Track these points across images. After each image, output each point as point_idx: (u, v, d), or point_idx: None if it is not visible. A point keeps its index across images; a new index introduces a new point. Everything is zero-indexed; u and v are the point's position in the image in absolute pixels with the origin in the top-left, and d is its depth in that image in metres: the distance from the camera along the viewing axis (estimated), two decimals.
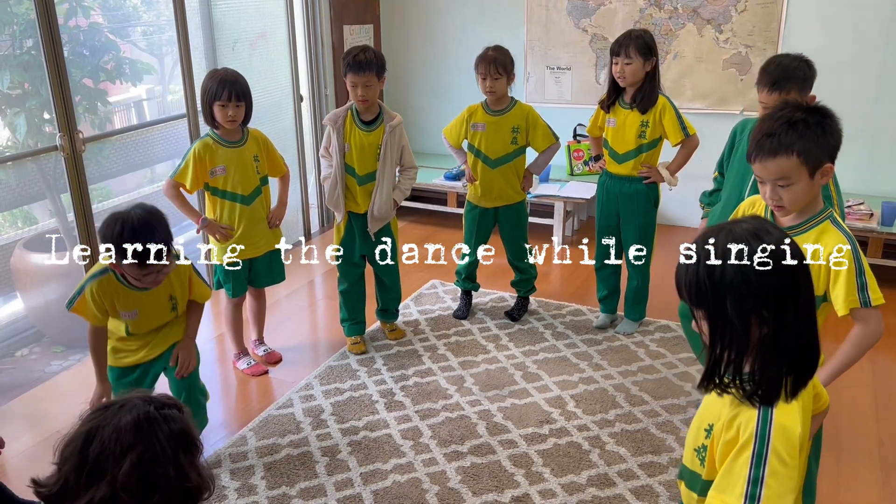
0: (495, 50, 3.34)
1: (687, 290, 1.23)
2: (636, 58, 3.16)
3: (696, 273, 1.21)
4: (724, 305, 1.19)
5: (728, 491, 1.20)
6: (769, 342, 1.20)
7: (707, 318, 1.22)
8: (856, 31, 4.29)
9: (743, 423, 1.22)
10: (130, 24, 4.76)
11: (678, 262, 1.26)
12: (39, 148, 3.53)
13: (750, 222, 1.24)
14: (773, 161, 1.67)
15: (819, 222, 1.76)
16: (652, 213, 3.41)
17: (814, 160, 1.66)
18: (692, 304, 1.24)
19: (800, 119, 1.66)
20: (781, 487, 1.17)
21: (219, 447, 2.78)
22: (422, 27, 5.47)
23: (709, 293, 1.20)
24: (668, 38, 4.74)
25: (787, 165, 1.66)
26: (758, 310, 1.18)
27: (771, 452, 1.17)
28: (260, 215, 3.18)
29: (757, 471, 1.17)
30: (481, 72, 3.33)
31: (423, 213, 5.34)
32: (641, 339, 3.52)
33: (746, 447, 1.19)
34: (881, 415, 2.93)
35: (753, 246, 1.18)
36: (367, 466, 2.64)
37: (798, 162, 1.66)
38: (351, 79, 3.08)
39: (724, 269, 1.18)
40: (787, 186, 1.69)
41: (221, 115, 2.98)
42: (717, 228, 1.24)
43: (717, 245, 1.20)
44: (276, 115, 4.72)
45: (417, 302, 3.97)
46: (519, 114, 3.43)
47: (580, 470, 2.60)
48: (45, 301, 3.83)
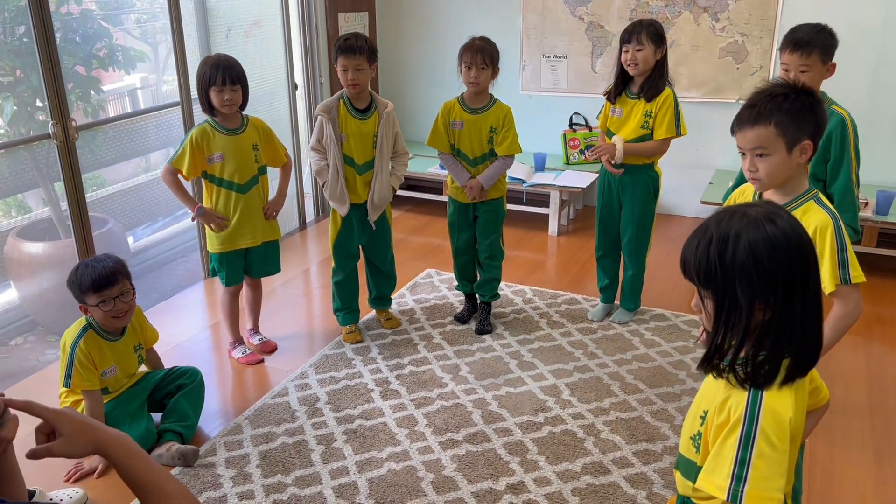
0: (482, 40, 3.22)
1: (696, 270, 1.22)
2: (648, 44, 3.13)
3: (706, 254, 1.20)
4: (734, 287, 1.18)
5: (716, 472, 1.21)
6: (773, 327, 1.20)
7: (714, 299, 1.22)
8: (852, 20, 4.28)
9: (733, 405, 1.22)
10: (124, 12, 4.73)
11: (687, 241, 1.26)
12: (32, 136, 3.51)
13: (762, 206, 1.23)
14: (752, 130, 1.72)
15: (804, 202, 1.79)
16: (651, 204, 3.40)
17: (791, 134, 1.70)
18: (700, 285, 1.24)
19: (781, 93, 1.70)
20: (769, 469, 1.17)
21: (214, 436, 2.78)
22: (417, 15, 5.43)
23: (719, 274, 1.19)
24: (665, 27, 4.70)
25: (764, 134, 1.70)
26: (766, 294, 1.18)
27: (759, 434, 1.18)
28: (256, 205, 3.16)
29: (745, 452, 1.18)
30: (466, 61, 3.20)
31: (418, 202, 5.32)
32: (636, 328, 3.52)
33: (735, 429, 1.20)
34: (874, 403, 2.94)
35: (767, 229, 1.18)
36: (363, 454, 2.64)
37: (775, 132, 1.69)
38: (342, 62, 3.06)
39: (735, 252, 1.18)
40: (764, 157, 1.73)
41: (218, 100, 2.96)
42: (730, 211, 1.24)
43: (730, 227, 1.20)
44: (271, 104, 4.69)
45: (413, 291, 3.97)
46: (498, 113, 3.29)
47: (575, 458, 2.60)
48: (40, 290, 3.81)
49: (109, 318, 2.56)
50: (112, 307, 2.53)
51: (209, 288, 4.09)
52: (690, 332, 3.46)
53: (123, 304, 2.56)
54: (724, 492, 1.19)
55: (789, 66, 2.55)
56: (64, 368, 2.58)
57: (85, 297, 2.52)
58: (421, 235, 4.83)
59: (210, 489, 2.49)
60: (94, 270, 2.50)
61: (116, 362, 2.65)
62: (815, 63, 2.52)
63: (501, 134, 3.29)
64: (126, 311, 2.58)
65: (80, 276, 2.51)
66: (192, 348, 3.46)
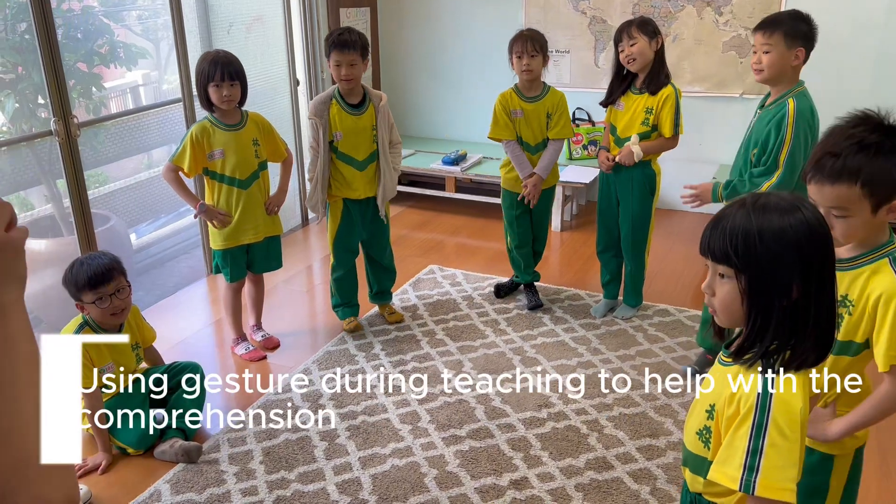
0: (529, 30, 3.34)
1: (734, 252, 1.19)
2: (640, 36, 3.12)
3: (744, 237, 1.18)
4: (774, 268, 1.17)
5: (728, 462, 1.20)
6: (801, 312, 1.19)
7: (749, 282, 1.19)
8: (855, 12, 4.26)
9: (744, 397, 1.21)
10: (125, 8, 4.72)
11: (713, 225, 1.23)
12: (34, 133, 3.51)
13: (789, 195, 1.22)
14: (832, 187, 1.44)
15: (877, 258, 1.52)
16: (648, 201, 3.39)
17: (881, 193, 1.43)
18: (735, 266, 1.20)
19: (874, 142, 1.42)
20: (781, 459, 1.16)
21: (217, 432, 2.78)
22: (419, 10, 5.42)
23: (759, 256, 1.18)
24: (668, 21, 4.70)
25: (847, 195, 1.43)
26: (800, 277, 1.18)
27: (771, 424, 1.17)
28: (258, 200, 3.16)
29: (756, 441, 1.17)
30: (517, 51, 3.29)
31: (420, 198, 5.32)
32: (640, 324, 3.51)
33: (746, 419, 1.19)
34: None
35: (803, 214, 1.18)
36: (366, 451, 2.64)
37: (861, 193, 1.43)
38: (335, 57, 3.05)
39: (776, 234, 1.17)
40: (844, 218, 1.46)
41: (217, 96, 2.95)
42: (760, 195, 1.23)
43: (766, 212, 1.18)
44: (273, 99, 4.69)
45: (416, 287, 3.97)
46: (553, 99, 3.40)
47: (578, 453, 2.60)
48: (42, 287, 3.81)
49: (106, 316, 2.56)
50: (108, 304, 2.53)
51: (212, 284, 4.09)
52: (694, 327, 3.45)
53: (120, 301, 2.56)
54: (736, 482, 1.18)
55: (756, 46, 2.54)
56: None
57: (81, 295, 2.53)
58: (423, 231, 4.83)
59: (214, 485, 2.49)
60: (89, 267, 2.50)
61: (114, 360, 2.66)
62: (778, 43, 2.48)
63: (556, 118, 3.39)
64: (123, 308, 2.59)
65: (76, 274, 2.51)
66: (196, 345, 3.46)
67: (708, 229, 1.25)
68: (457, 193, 5.05)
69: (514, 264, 3.76)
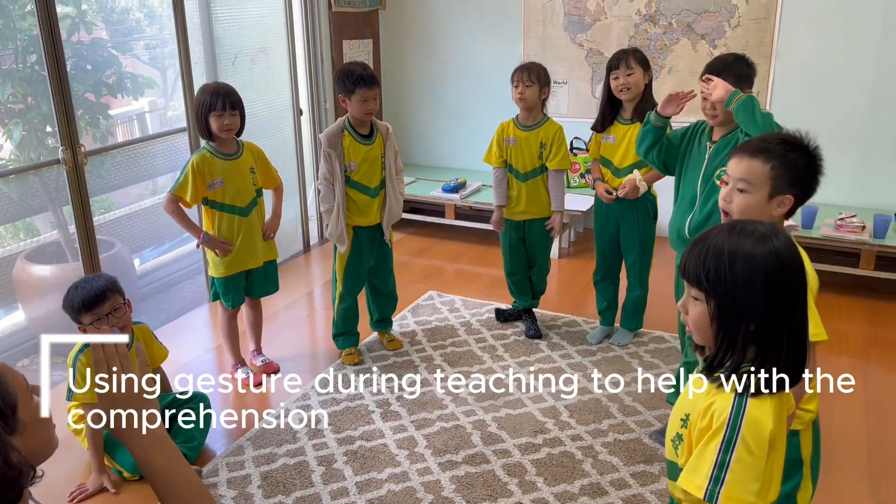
0: (531, 62, 3.46)
1: (705, 276, 1.28)
2: (637, 68, 3.21)
3: (716, 263, 1.27)
4: (741, 294, 1.26)
5: (696, 472, 1.29)
6: (769, 337, 1.27)
7: (717, 306, 1.28)
8: (847, 45, 4.35)
9: (717, 411, 1.29)
10: (133, 38, 4.84)
11: (693, 250, 1.32)
12: (42, 161, 3.58)
13: (764, 223, 1.33)
14: (749, 160, 1.73)
15: None
16: (651, 226, 3.46)
17: (780, 183, 1.70)
18: (706, 291, 1.29)
19: (794, 144, 1.72)
20: (745, 474, 1.24)
21: (216, 456, 2.81)
22: (420, 42, 5.53)
23: (724, 279, 1.26)
24: (663, 53, 4.80)
25: (758, 170, 1.71)
26: (766, 304, 1.26)
27: (740, 440, 1.25)
28: (257, 227, 3.23)
29: (724, 455, 1.25)
30: (514, 80, 3.41)
31: (420, 224, 5.38)
32: (636, 350, 3.55)
33: (718, 433, 1.27)
34: (871, 425, 2.95)
35: (773, 244, 1.27)
36: (363, 475, 2.67)
37: (768, 174, 1.70)
38: (363, 93, 3.14)
39: (745, 264, 1.25)
40: (745, 193, 1.74)
41: (217, 125, 3.04)
42: (737, 224, 1.32)
43: (739, 240, 1.27)
44: (276, 129, 4.78)
45: (415, 313, 4.01)
46: (549, 130, 3.47)
47: (573, 479, 2.62)
48: (47, 312, 3.87)
49: None
50: (106, 324, 2.57)
51: (214, 310, 4.13)
52: None
53: (116, 320, 2.61)
54: (702, 491, 1.27)
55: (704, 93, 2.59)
56: (68, 381, 2.63)
57: (80, 318, 2.59)
58: (423, 258, 4.89)
59: None
60: (83, 291, 2.57)
61: None
62: None
63: (553, 150, 3.47)
64: (122, 325, 2.63)
65: (72, 298, 2.58)
66: (197, 370, 3.50)
67: (687, 251, 1.34)
68: (456, 220, 5.11)
69: (510, 290, 3.82)
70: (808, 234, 4.10)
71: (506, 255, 3.73)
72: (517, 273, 3.73)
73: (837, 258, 4.27)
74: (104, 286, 2.60)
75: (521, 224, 3.62)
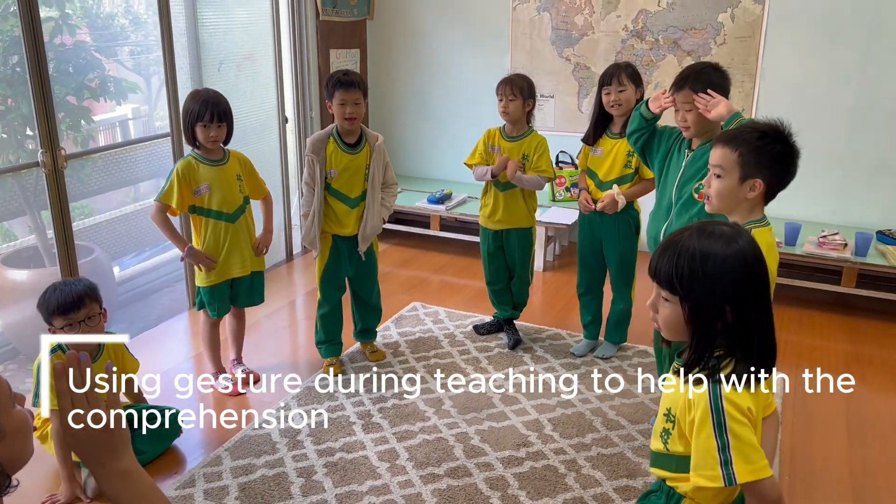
0: (515, 75, 3.45)
1: (678, 279, 1.33)
2: (629, 85, 3.22)
3: (687, 263, 1.33)
4: (710, 294, 1.32)
5: (705, 465, 1.33)
6: (739, 333, 1.33)
7: (691, 307, 1.34)
8: (831, 65, 4.40)
9: (696, 402, 1.35)
10: (118, 44, 4.79)
11: (662, 253, 1.37)
12: (20, 164, 3.52)
13: (728, 224, 1.39)
14: (721, 149, 1.90)
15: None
16: (633, 240, 3.46)
17: (750, 168, 1.86)
18: (679, 293, 1.35)
19: (761, 131, 1.87)
20: (746, 446, 1.30)
21: (193, 466, 2.75)
22: (408, 53, 5.53)
23: (697, 283, 1.32)
24: (650, 69, 4.83)
25: (729, 157, 1.89)
26: (733, 301, 1.32)
27: (728, 419, 1.31)
28: (244, 234, 3.19)
29: (721, 439, 1.31)
30: (498, 93, 3.42)
31: (405, 235, 5.36)
32: (619, 364, 3.54)
33: (705, 422, 1.32)
34: (853, 444, 2.96)
35: (738, 244, 1.34)
36: (343, 488, 2.62)
37: (735, 160, 1.87)
38: (340, 96, 3.11)
39: (714, 264, 1.32)
40: (719, 178, 1.91)
41: (203, 136, 3.01)
42: (704, 226, 1.37)
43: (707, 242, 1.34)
44: (261, 136, 4.74)
45: (398, 324, 3.98)
46: (532, 142, 3.46)
47: (556, 493, 2.60)
48: (22, 318, 3.79)
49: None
50: (77, 332, 2.52)
51: (194, 318, 4.08)
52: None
53: (89, 328, 2.54)
54: (719, 480, 1.30)
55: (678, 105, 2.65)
56: (33, 387, 2.56)
57: (52, 320, 2.53)
58: (408, 269, 4.86)
59: None
60: (61, 294, 2.51)
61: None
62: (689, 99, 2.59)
63: (534, 159, 3.46)
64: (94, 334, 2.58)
65: (48, 299, 2.52)
66: (175, 378, 3.44)
67: (657, 253, 1.38)
68: (441, 232, 5.10)
69: (491, 300, 3.82)
70: (791, 250, 4.12)
71: (485, 264, 3.73)
72: (497, 283, 3.72)
73: (819, 275, 4.30)
74: (83, 292, 2.54)
75: (499, 233, 3.62)
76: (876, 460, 2.84)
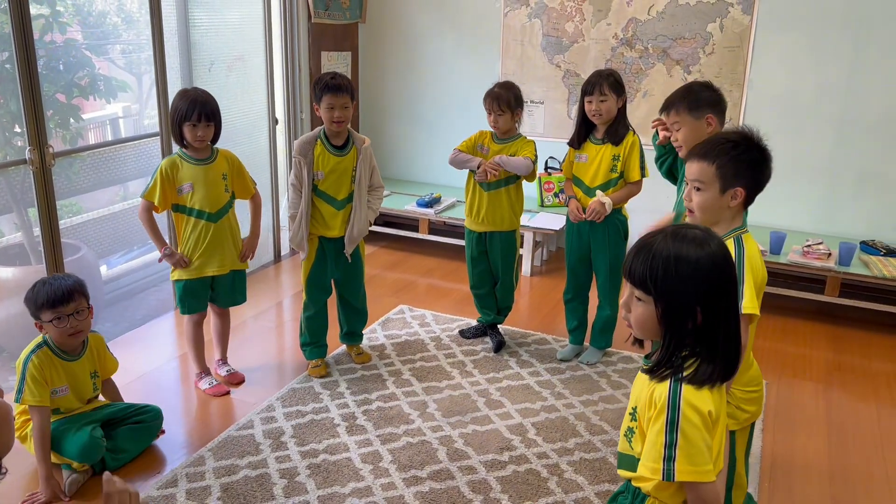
0: (500, 87, 3.45)
1: (652, 281, 1.38)
2: (610, 94, 3.25)
3: (661, 265, 1.37)
4: (683, 294, 1.37)
5: (649, 457, 1.39)
6: (707, 334, 1.39)
7: (663, 306, 1.39)
8: (818, 76, 4.44)
9: (657, 397, 1.39)
10: (109, 42, 4.78)
11: (637, 255, 1.42)
12: (8, 161, 3.51)
13: (699, 228, 1.45)
14: (697, 164, 1.91)
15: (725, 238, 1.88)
16: (622, 247, 3.48)
17: (728, 178, 1.88)
18: (653, 294, 1.39)
19: (734, 140, 1.89)
20: (694, 448, 1.35)
21: (175, 466, 2.75)
22: (399, 57, 5.55)
23: (670, 283, 1.37)
24: (639, 77, 4.87)
25: (706, 171, 1.89)
26: (702, 302, 1.37)
27: (682, 418, 1.35)
28: (226, 233, 3.19)
29: (671, 436, 1.36)
30: (486, 108, 3.45)
31: (393, 238, 5.37)
32: (604, 370, 3.56)
33: (660, 417, 1.37)
34: (834, 451, 2.98)
35: (709, 247, 1.39)
36: (325, 489, 2.63)
37: (714, 173, 1.88)
38: (328, 100, 3.12)
39: (688, 265, 1.37)
40: (700, 191, 1.92)
41: (191, 135, 3.01)
42: (678, 230, 1.41)
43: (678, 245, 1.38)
44: (251, 137, 4.74)
45: (385, 326, 3.98)
46: (520, 143, 3.50)
47: (538, 497, 2.61)
48: (7, 315, 3.77)
49: (64, 336, 2.58)
50: (66, 324, 2.55)
51: (179, 318, 4.06)
52: None
53: (77, 322, 2.58)
54: (659, 473, 1.37)
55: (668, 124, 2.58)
56: (17, 383, 2.56)
57: (40, 314, 2.55)
58: (395, 271, 4.87)
59: None
60: (51, 287, 2.54)
61: (69, 383, 2.66)
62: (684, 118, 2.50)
63: (520, 150, 3.49)
64: (81, 329, 2.61)
65: (37, 293, 2.55)
66: (159, 378, 3.44)
67: (631, 254, 1.43)
68: (430, 235, 5.11)
69: (475, 305, 3.83)
70: (775, 259, 4.15)
71: (469, 268, 3.74)
72: (481, 287, 3.74)
73: (803, 284, 4.34)
74: (72, 286, 2.57)
75: (483, 236, 3.63)
76: (856, 468, 2.87)
